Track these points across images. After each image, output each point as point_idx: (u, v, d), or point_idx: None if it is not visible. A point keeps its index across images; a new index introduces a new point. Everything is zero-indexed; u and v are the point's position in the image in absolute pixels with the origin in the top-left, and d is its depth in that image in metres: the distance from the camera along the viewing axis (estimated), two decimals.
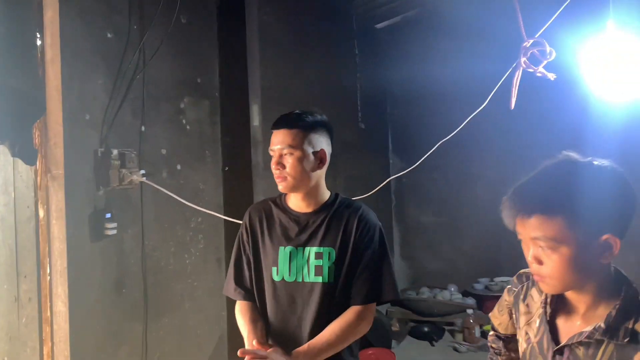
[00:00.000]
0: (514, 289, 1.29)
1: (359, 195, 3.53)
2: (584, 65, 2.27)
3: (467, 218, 5.51)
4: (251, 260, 1.72)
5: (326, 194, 1.72)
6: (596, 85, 2.26)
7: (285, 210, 1.71)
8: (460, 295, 5.15)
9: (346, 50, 4.75)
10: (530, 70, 2.22)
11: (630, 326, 1.01)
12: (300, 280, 1.64)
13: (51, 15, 2.02)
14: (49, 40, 1.98)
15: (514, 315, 1.30)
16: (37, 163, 1.99)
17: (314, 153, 1.63)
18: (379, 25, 5.53)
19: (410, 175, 3.08)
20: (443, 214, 5.66)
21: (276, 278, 1.66)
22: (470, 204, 5.48)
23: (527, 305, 1.22)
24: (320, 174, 1.67)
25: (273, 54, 3.37)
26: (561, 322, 1.13)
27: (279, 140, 1.62)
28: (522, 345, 1.23)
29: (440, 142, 2.51)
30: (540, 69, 2.20)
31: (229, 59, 3.00)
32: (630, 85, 2.15)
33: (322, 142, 1.66)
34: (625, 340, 1.00)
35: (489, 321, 4.85)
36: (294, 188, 1.63)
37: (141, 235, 2.37)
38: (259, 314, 1.68)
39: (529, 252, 1.08)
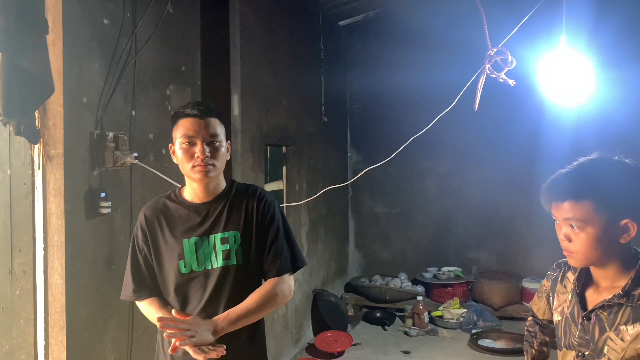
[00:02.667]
0: (552, 274, 1.53)
1: (322, 184, 3.75)
2: (540, 74, 2.59)
3: (417, 210, 5.87)
4: (152, 259, 1.73)
5: (223, 183, 1.78)
6: (550, 91, 2.60)
7: (183, 203, 1.74)
8: (410, 283, 5.49)
9: (312, 45, 4.94)
10: (493, 76, 2.51)
11: None
12: (210, 267, 1.68)
13: (53, 0, 2.09)
14: (51, 24, 2.04)
15: (551, 299, 1.53)
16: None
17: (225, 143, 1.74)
18: (342, 23, 5.75)
19: (372, 169, 3.30)
20: (396, 205, 5.98)
21: (184, 271, 1.68)
22: (421, 196, 5.84)
23: (564, 286, 1.46)
24: None
25: (250, 47, 3.52)
26: (589, 294, 1.37)
27: (207, 129, 1.65)
28: (557, 319, 1.46)
29: (411, 138, 2.76)
30: (502, 75, 2.49)
31: (211, 49, 3.11)
32: (577, 92, 2.49)
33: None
34: (639, 302, 1.23)
35: (437, 308, 5.29)
36: (213, 177, 1.67)
37: (130, 215, 2.47)
38: (167, 304, 1.72)
39: (561, 231, 1.31)
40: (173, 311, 1.58)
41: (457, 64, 3.13)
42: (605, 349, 1.27)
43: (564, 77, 2.42)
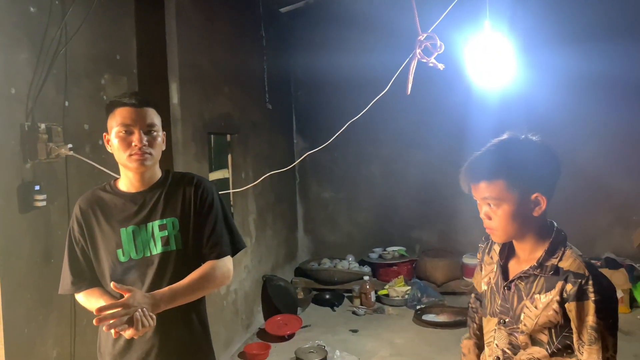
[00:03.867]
0: (481, 246, 1.64)
1: (268, 172, 3.80)
2: (467, 58, 2.73)
3: (363, 193, 6.02)
4: (89, 251, 1.74)
5: (159, 172, 1.80)
6: (477, 74, 2.74)
7: (118, 193, 1.75)
8: (357, 264, 5.65)
9: (253, 33, 4.93)
10: (424, 60, 2.62)
11: (555, 263, 1.35)
12: (149, 254, 1.70)
13: None
14: None
15: (480, 270, 1.63)
16: None
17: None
18: (283, 10, 5.75)
19: (313, 154, 3.37)
20: (342, 190, 6.11)
21: (123, 259, 1.70)
22: (366, 180, 5.99)
23: (491, 257, 1.56)
24: None
25: (188, 34, 3.48)
26: (511, 265, 1.48)
27: (144, 118, 1.66)
28: (484, 289, 1.57)
29: (348, 123, 2.84)
30: (432, 60, 2.61)
31: (147, 38, 3.07)
32: (501, 74, 2.65)
33: None
34: (551, 273, 1.35)
35: (383, 287, 5.47)
36: (149, 165, 1.70)
37: (67, 207, 2.43)
38: (107, 292, 1.71)
39: (482, 211, 1.41)
40: (112, 284, 1.55)
41: (393, 48, 3.22)
42: (522, 316, 1.39)
43: (488, 60, 2.57)
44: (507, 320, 1.43)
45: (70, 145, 2.36)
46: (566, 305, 1.31)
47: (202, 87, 3.78)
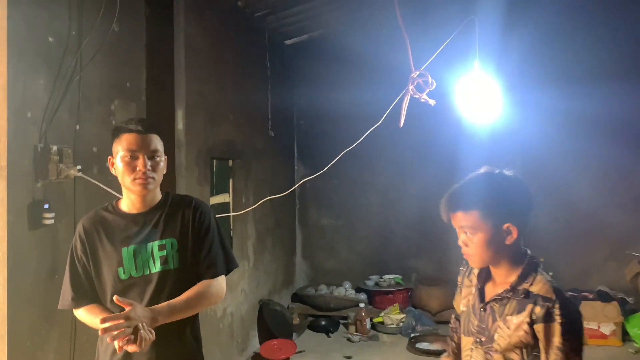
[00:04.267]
0: (462, 269, 1.75)
1: (268, 196, 3.92)
2: (457, 94, 2.89)
3: (361, 221, 6.13)
4: (90, 268, 1.82)
5: (159, 195, 1.90)
6: (466, 110, 2.89)
7: (120, 214, 1.85)
8: (353, 291, 5.72)
9: (259, 63, 5.13)
10: (416, 96, 2.77)
11: (526, 287, 1.45)
12: (148, 273, 1.79)
13: None
14: None
15: (460, 292, 1.74)
16: None
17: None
18: (288, 42, 5.98)
19: (313, 182, 3.52)
20: (340, 217, 6.23)
21: (123, 277, 1.78)
22: (364, 209, 6.11)
23: (470, 280, 1.67)
24: None
25: (195, 63, 3.66)
26: (488, 288, 1.58)
27: (148, 145, 1.77)
28: (462, 310, 1.68)
29: (344, 152, 2.99)
30: (424, 96, 2.76)
31: (156, 66, 3.24)
32: (489, 111, 2.80)
33: None
34: (522, 296, 1.45)
35: (378, 314, 5.55)
36: (153, 188, 1.81)
37: (73, 226, 2.54)
38: (107, 309, 1.80)
39: (460, 238, 1.52)
40: (115, 297, 1.63)
41: (388, 84, 3.38)
42: (496, 336, 1.48)
43: (477, 97, 2.72)
44: (483, 339, 1.53)
45: (79, 167, 2.49)
46: (535, 326, 1.41)
47: (207, 113, 3.94)
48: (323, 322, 5.37)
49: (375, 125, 2.78)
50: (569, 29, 5.34)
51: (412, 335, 4.87)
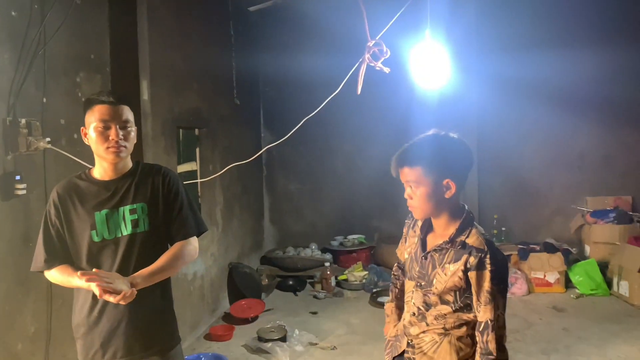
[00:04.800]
0: (407, 221, 1.95)
1: (233, 163, 4.06)
2: (411, 62, 3.06)
3: (327, 185, 6.35)
4: (64, 232, 1.93)
5: (130, 163, 2.02)
6: (418, 76, 3.08)
7: (93, 181, 1.97)
8: (319, 252, 5.98)
9: (222, 31, 5.16)
10: (372, 64, 2.92)
11: (463, 239, 1.65)
12: (120, 235, 1.91)
13: None
14: None
15: (404, 241, 1.94)
16: None
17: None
18: (251, 8, 5.97)
19: (280, 148, 3.67)
20: (307, 182, 6.43)
21: (96, 239, 1.90)
22: (329, 173, 6.33)
23: (414, 231, 1.87)
24: None
25: (159, 33, 3.70)
26: (429, 239, 1.77)
27: (119, 115, 1.88)
28: (406, 257, 1.88)
29: (304, 119, 3.13)
30: (379, 64, 2.91)
31: (119, 37, 3.28)
32: (438, 77, 2.99)
33: None
34: (459, 247, 1.64)
35: (342, 272, 5.84)
36: (125, 156, 1.94)
37: (44, 196, 2.64)
38: (80, 269, 1.88)
39: (406, 192, 1.70)
40: (94, 270, 1.78)
41: (349, 52, 3.51)
42: (434, 281, 1.70)
43: (428, 64, 2.90)
44: (423, 283, 1.76)
45: (48, 139, 2.58)
46: (469, 273, 1.63)
47: (172, 83, 4.01)
48: (290, 282, 5.62)
49: (334, 94, 2.93)
50: None
51: (374, 290, 5.18)
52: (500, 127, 5.76)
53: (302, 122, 3.02)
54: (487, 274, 1.58)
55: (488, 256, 1.59)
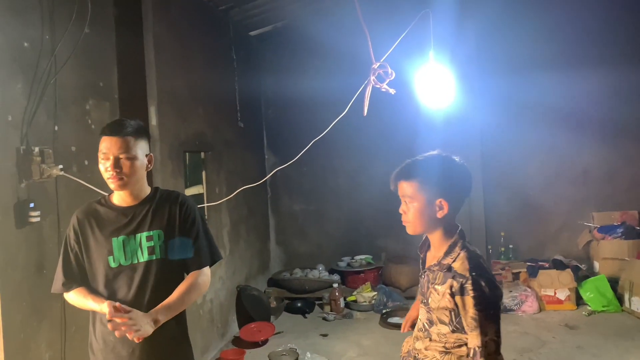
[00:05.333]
0: (419, 244, 1.93)
1: (241, 187, 4.08)
2: (416, 83, 3.10)
3: (331, 205, 6.36)
4: (82, 256, 1.97)
5: (147, 189, 2.04)
6: (424, 97, 3.12)
7: (112, 207, 2.00)
8: (327, 273, 5.95)
9: (225, 55, 5.23)
10: (377, 86, 2.97)
11: (449, 263, 1.64)
12: (136, 261, 1.94)
13: None
14: None
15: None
16: None
17: (146, 156, 1.99)
18: (252, 33, 6.08)
19: (283, 170, 3.70)
20: (311, 203, 6.43)
21: (113, 265, 1.93)
22: (334, 193, 6.34)
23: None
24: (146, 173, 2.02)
25: (164, 60, 3.75)
26: (429, 256, 1.79)
27: (117, 147, 1.88)
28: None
29: (312, 142, 3.17)
30: (384, 86, 2.96)
31: (127, 65, 3.34)
32: (443, 97, 3.03)
33: (147, 147, 2.01)
34: (445, 270, 1.64)
35: (351, 293, 5.81)
36: (127, 186, 1.93)
37: (57, 223, 2.66)
38: (96, 291, 1.95)
39: (401, 207, 1.72)
40: (117, 304, 1.81)
41: (352, 72, 3.57)
42: (429, 299, 1.71)
43: (433, 85, 2.94)
44: (424, 300, 1.77)
45: (60, 166, 2.60)
46: (455, 297, 1.61)
47: (178, 108, 4.06)
48: (299, 304, 5.58)
49: (340, 116, 2.97)
50: (520, 20, 5.70)
51: (384, 310, 5.14)
52: (505, 145, 5.80)
53: (310, 144, 3.06)
54: (469, 300, 1.56)
55: (469, 282, 1.57)
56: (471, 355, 1.58)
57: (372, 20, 3.01)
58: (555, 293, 5.11)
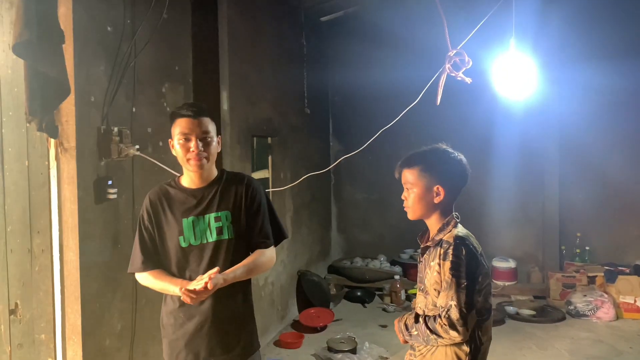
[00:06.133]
0: (419, 234, 1.98)
1: (305, 173, 4.08)
2: (493, 72, 2.95)
3: (394, 196, 6.16)
4: (155, 236, 2.03)
5: (215, 171, 2.10)
6: (502, 87, 2.96)
7: (182, 188, 2.06)
8: (388, 264, 5.88)
9: (295, 42, 5.24)
10: (453, 74, 2.85)
11: (440, 237, 1.75)
12: (205, 241, 2.00)
13: (64, 11, 2.38)
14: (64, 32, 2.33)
15: None
16: None
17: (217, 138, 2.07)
18: (323, 19, 6.05)
19: (348, 158, 3.67)
20: (374, 192, 6.36)
21: (184, 245, 1.99)
22: (397, 183, 6.15)
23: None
24: None
25: (237, 46, 3.81)
26: (427, 239, 1.88)
27: (199, 128, 1.96)
28: None
29: (381, 130, 3.11)
30: (460, 74, 2.84)
31: (201, 50, 3.41)
32: (524, 88, 2.86)
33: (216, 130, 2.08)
34: (437, 245, 1.74)
35: (413, 286, 5.70)
36: (205, 167, 2.00)
37: (132, 200, 2.78)
38: (172, 274, 2.02)
39: (403, 194, 1.85)
40: (204, 281, 1.88)
41: (424, 62, 3.46)
42: (425, 280, 1.79)
43: (513, 75, 2.78)
44: (422, 287, 1.84)
45: (137, 146, 2.71)
46: (440, 265, 1.69)
47: (248, 93, 4.11)
48: (359, 293, 5.57)
49: (413, 103, 2.89)
50: (607, 4, 5.26)
51: None
52: (585, 138, 5.40)
53: (380, 132, 3.01)
54: (447, 264, 1.67)
55: (451, 247, 1.69)
56: (438, 313, 1.67)
57: (448, 7, 2.89)
58: (635, 301, 4.77)
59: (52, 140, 2.39)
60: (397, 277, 5.45)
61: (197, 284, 1.86)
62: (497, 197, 5.64)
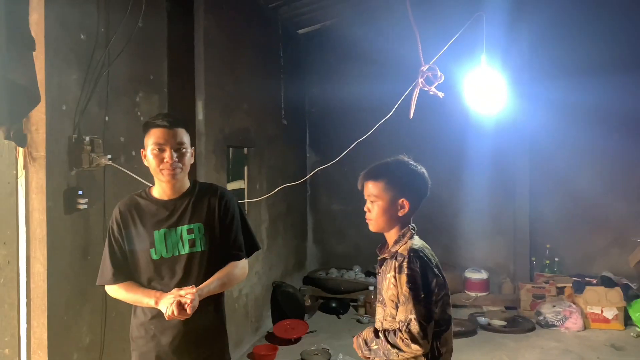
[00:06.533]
0: (378, 246, 1.98)
1: (281, 184, 4.08)
2: (465, 87, 3.02)
3: None
4: (125, 248, 2.01)
5: (187, 182, 2.09)
6: (473, 101, 3.03)
7: (153, 200, 2.04)
8: (363, 275, 5.90)
9: (272, 53, 5.26)
10: (425, 89, 2.91)
11: (396, 249, 1.76)
12: (178, 254, 1.98)
13: (36, 18, 2.34)
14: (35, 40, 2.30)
15: None
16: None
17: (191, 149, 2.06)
18: (301, 31, 6.10)
19: (324, 169, 3.70)
20: (350, 203, 6.38)
21: (155, 257, 1.97)
22: None
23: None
24: None
25: (213, 56, 3.81)
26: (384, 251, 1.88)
27: (174, 138, 1.95)
28: None
29: (356, 142, 3.14)
30: (433, 88, 2.89)
31: (177, 59, 3.40)
32: (494, 102, 2.93)
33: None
34: (393, 257, 1.75)
35: None
36: (178, 177, 1.98)
37: (103, 211, 2.73)
38: (143, 286, 2.00)
39: (366, 205, 1.85)
40: (174, 290, 1.90)
41: (398, 76, 3.51)
42: (383, 292, 1.80)
43: (484, 90, 2.85)
44: (380, 298, 1.84)
45: (109, 156, 2.67)
46: (396, 278, 1.70)
47: (224, 104, 4.10)
48: (334, 304, 5.56)
49: (386, 117, 2.93)
50: (575, 22, 5.49)
51: None
52: (555, 153, 5.59)
53: (354, 144, 3.03)
54: (403, 277, 1.67)
55: (406, 260, 1.69)
56: (398, 327, 1.67)
57: (421, 24, 2.95)
58: (602, 311, 4.89)
59: (21, 149, 2.34)
60: (371, 287, 5.46)
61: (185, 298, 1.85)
62: (470, 209, 5.76)
